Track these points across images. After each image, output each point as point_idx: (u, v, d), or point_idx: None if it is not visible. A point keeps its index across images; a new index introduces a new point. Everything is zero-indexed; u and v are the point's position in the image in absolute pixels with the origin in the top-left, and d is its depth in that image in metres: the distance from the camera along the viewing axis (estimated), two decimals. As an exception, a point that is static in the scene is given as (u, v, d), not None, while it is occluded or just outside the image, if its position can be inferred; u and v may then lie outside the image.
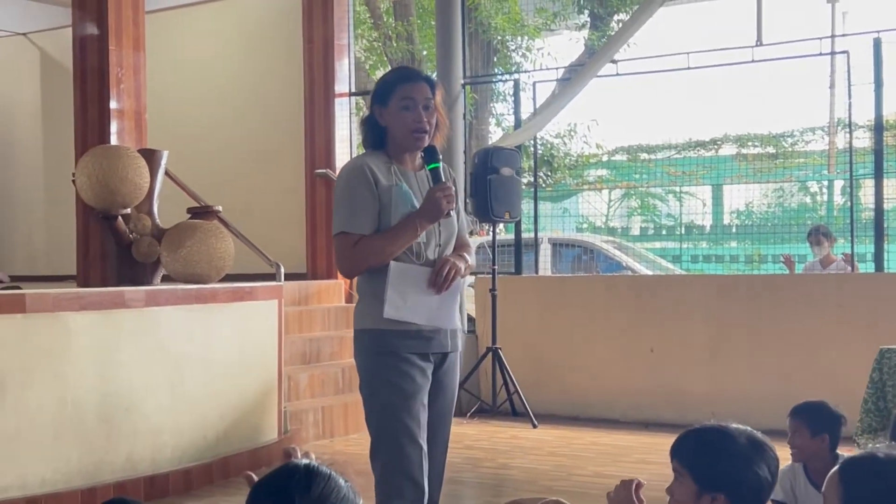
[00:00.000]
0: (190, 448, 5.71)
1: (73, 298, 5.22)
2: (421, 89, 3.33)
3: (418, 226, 3.27)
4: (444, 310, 3.34)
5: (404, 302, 3.25)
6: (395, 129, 3.34)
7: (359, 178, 3.28)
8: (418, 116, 3.31)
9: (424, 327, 3.29)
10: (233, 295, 6.12)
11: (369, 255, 3.26)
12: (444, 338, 3.37)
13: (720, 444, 2.26)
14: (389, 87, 3.36)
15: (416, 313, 3.27)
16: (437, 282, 3.30)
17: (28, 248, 11.19)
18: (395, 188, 3.29)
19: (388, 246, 3.25)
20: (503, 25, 14.56)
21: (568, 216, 12.27)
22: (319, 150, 9.27)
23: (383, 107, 3.35)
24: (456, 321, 3.43)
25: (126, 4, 7.55)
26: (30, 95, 11.14)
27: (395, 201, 3.28)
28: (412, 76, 3.41)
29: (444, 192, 3.28)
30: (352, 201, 3.27)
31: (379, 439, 3.29)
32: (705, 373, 7.58)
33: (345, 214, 3.28)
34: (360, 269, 3.31)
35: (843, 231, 8.69)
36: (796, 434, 3.75)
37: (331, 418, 7.13)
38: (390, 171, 3.33)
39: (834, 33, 9.99)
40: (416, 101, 3.32)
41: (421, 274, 3.30)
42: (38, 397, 4.95)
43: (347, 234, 3.26)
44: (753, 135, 15.71)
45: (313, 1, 9.30)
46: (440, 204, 3.26)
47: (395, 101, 3.32)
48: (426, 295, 3.29)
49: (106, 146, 6.81)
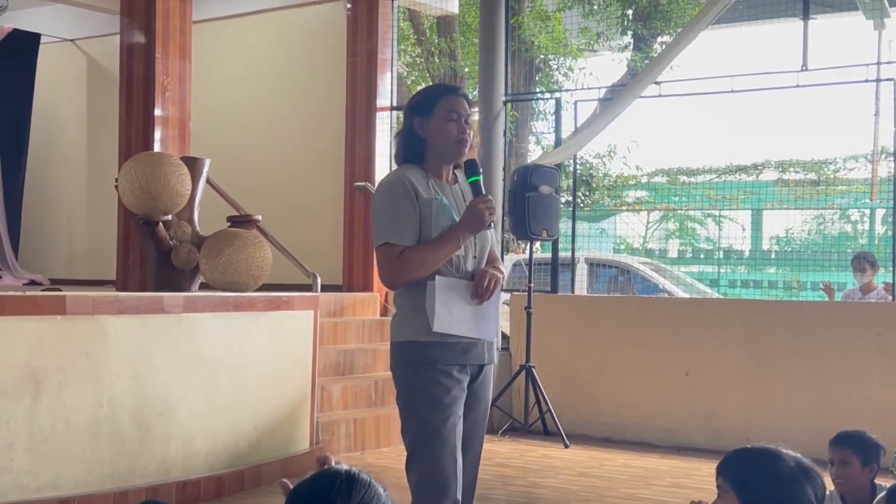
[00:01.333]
0: (222, 455, 5.73)
1: (113, 302, 5.26)
2: (463, 103, 3.40)
3: (460, 237, 3.30)
4: (487, 321, 3.38)
5: (450, 315, 3.28)
6: (439, 140, 3.37)
7: (400, 190, 3.30)
8: (462, 128, 3.37)
9: (463, 339, 3.31)
10: (269, 304, 6.15)
11: (414, 265, 3.26)
12: (482, 349, 3.39)
13: (768, 465, 2.24)
14: (433, 99, 3.40)
15: (463, 325, 3.30)
16: (479, 292, 3.33)
17: (69, 252, 11.31)
18: (435, 201, 3.31)
19: (432, 257, 3.27)
20: (546, 45, 14.56)
21: (605, 236, 12.24)
22: (359, 163, 9.30)
23: (426, 118, 3.38)
24: (496, 332, 3.46)
25: (174, 13, 7.63)
26: (76, 101, 11.28)
27: (436, 214, 3.30)
28: (454, 90, 3.48)
29: (486, 204, 3.30)
30: (394, 213, 3.28)
31: (415, 451, 3.29)
32: (740, 399, 7.51)
33: (388, 225, 3.29)
34: (404, 280, 3.31)
35: (885, 261, 8.60)
36: (845, 464, 3.71)
37: (363, 430, 7.13)
38: (428, 184, 3.35)
39: (880, 60, 9.90)
40: (460, 114, 3.37)
41: (464, 287, 3.33)
42: (74, 399, 5.00)
43: (391, 244, 3.27)
44: (795, 161, 15.61)
45: (358, 15, 9.36)
46: (483, 215, 3.29)
47: (440, 112, 3.36)
48: (470, 307, 3.33)
49: (149, 153, 6.88)
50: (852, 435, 3.77)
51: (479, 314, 3.34)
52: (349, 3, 9.44)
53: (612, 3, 14.73)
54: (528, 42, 14.41)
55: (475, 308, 3.33)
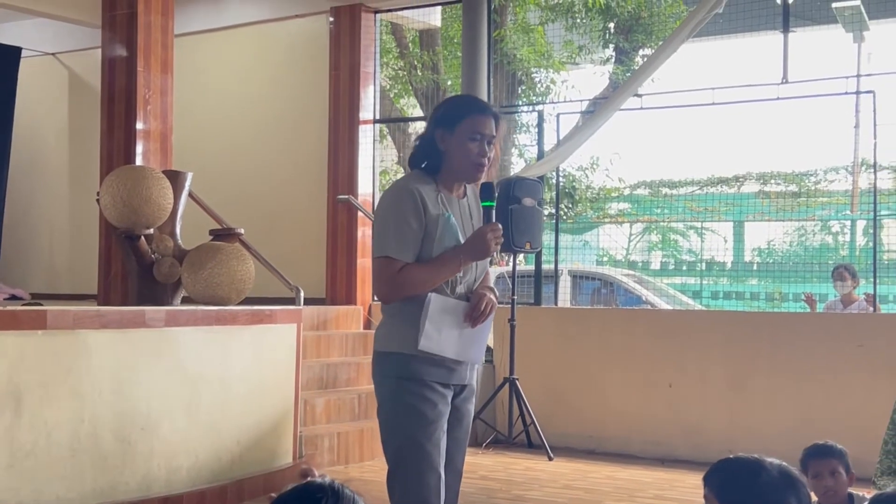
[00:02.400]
0: (205, 470, 5.70)
1: (94, 316, 5.24)
2: (489, 123, 3.30)
3: (461, 262, 3.25)
4: (475, 345, 3.34)
5: (439, 335, 3.23)
6: (456, 158, 3.29)
7: (408, 202, 3.23)
8: (483, 151, 3.29)
9: (450, 358, 3.28)
10: (252, 317, 6.13)
11: (411, 285, 3.22)
12: (465, 370, 3.36)
13: (752, 474, 2.26)
14: (459, 114, 3.31)
15: (449, 347, 3.26)
16: (473, 315, 3.29)
17: (50, 266, 11.25)
18: (442, 218, 3.25)
19: (431, 279, 3.23)
20: (528, 57, 14.60)
21: (588, 249, 12.27)
22: (342, 176, 9.31)
23: (448, 132, 3.29)
24: (482, 356, 3.44)
25: (155, 27, 7.62)
26: (57, 115, 11.24)
27: (441, 232, 3.24)
28: (484, 109, 3.36)
29: (495, 233, 3.26)
30: (399, 226, 3.22)
31: (397, 465, 3.27)
32: (724, 410, 7.53)
33: (390, 238, 3.22)
34: (399, 297, 3.26)
35: (866, 272, 8.65)
36: (835, 474, 3.74)
37: (346, 444, 7.11)
38: (437, 199, 3.29)
39: (860, 73, 9.97)
40: (484, 135, 3.29)
41: (458, 308, 3.29)
42: (55, 414, 4.96)
43: (392, 259, 3.21)
44: (776, 172, 15.68)
45: (340, 28, 9.37)
46: (489, 245, 3.25)
47: (463, 129, 3.28)
48: (460, 329, 3.28)
49: (131, 166, 6.86)
50: (831, 446, 3.81)
51: (467, 337, 3.30)
52: (331, 17, 9.45)
53: (593, 17, 14.79)
54: (510, 55, 14.45)
55: (465, 331, 3.29)
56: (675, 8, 14.71)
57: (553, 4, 14.92)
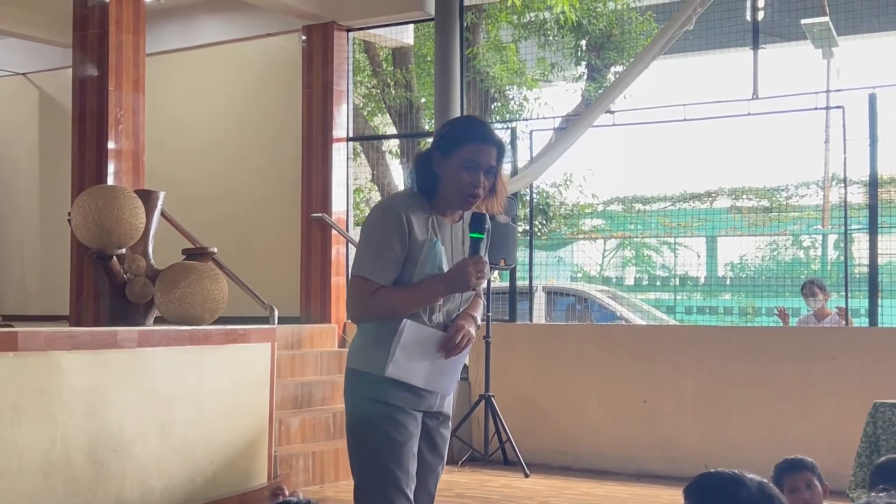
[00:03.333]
0: (178, 490, 5.65)
1: (66, 338, 5.19)
2: (489, 153, 3.19)
3: (439, 292, 3.15)
4: (445, 376, 3.25)
5: (409, 363, 3.15)
6: (449, 185, 3.19)
7: (395, 224, 3.13)
8: (476, 181, 3.17)
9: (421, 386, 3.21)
10: (226, 337, 6.09)
11: (384, 309, 3.14)
12: (435, 398, 3.28)
13: (730, 489, 2.27)
14: (458, 141, 3.19)
15: (418, 376, 3.17)
16: (447, 347, 3.19)
17: (21, 287, 11.16)
18: (428, 243, 3.16)
19: (405, 306, 3.14)
20: (501, 75, 14.66)
21: (563, 265, 12.29)
22: (316, 195, 9.29)
23: (444, 157, 3.18)
24: (453, 387, 3.35)
25: (127, 46, 7.59)
26: (28, 135, 11.17)
27: (424, 259, 3.15)
28: (485, 138, 3.21)
29: (477, 267, 3.17)
30: (380, 247, 3.13)
31: (363, 487, 3.21)
32: (698, 425, 7.55)
33: (370, 259, 3.14)
34: (370, 319, 3.19)
35: (837, 286, 8.71)
36: (811, 487, 3.76)
37: (321, 464, 7.07)
38: (428, 222, 3.20)
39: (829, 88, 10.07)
40: (480, 164, 3.17)
41: (433, 337, 3.19)
42: (26, 437, 4.90)
43: (368, 280, 3.13)
44: (748, 188, 15.79)
45: (313, 47, 9.38)
46: (469, 279, 3.15)
47: (459, 157, 3.16)
48: (432, 359, 3.19)
49: (102, 186, 6.82)
50: (802, 460, 3.83)
51: (438, 368, 3.21)
52: (304, 35, 9.46)
53: (565, 34, 14.87)
54: (483, 73, 14.51)
55: (437, 362, 3.20)
56: (646, 25, 14.83)
57: (525, 22, 15.00)
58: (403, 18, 9.70)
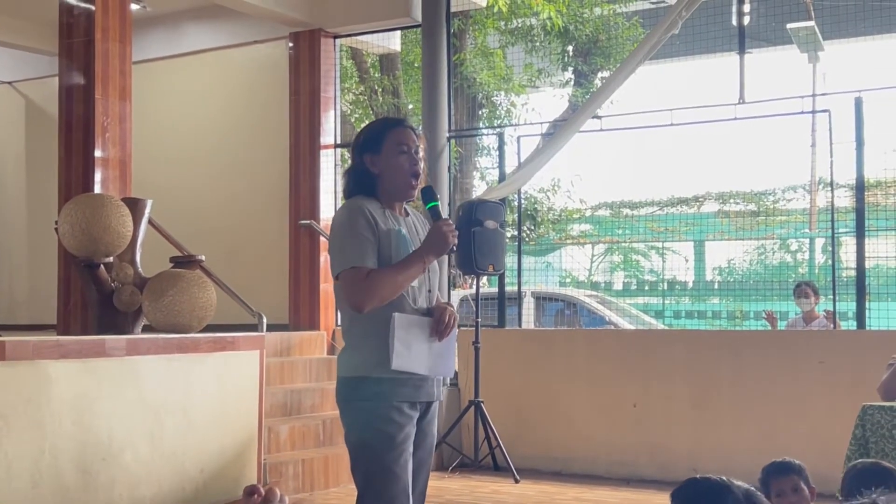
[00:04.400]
0: (168, 499, 5.63)
1: (54, 346, 5.17)
2: (410, 135, 3.39)
3: (425, 259, 3.29)
4: (444, 358, 3.38)
5: (409, 352, 3.26)
6: (391, 174, 3.35)
7: (360, 217, 3.27)
8: (414, 160, 3.36)
9: (415, 375, 3.29)
10: (214, 345, 6.08)
11: (382, 286, 3.22)
12: (431, 386, 3.38)
13: (716, 495, 2.27)
14: (381, 133, 3.39)
15: (421, 364, 3.29)
16: (439, 329, 3.33)
17: (9, 296, 11.11)
18: (393, 232, 3.31)
19: (400, 276, 3.24)
20: (488, 81, 14.69)
21: (551, 270, 12.30)
22: (304, 201, 9.29)
23: (376, 154, 3.36)
24: (452, 369, 3.48)
25: (113, 54, 7.58)
26: (14, 144, 11.14)
27: (395, 245, 3.29)
28: (401, 122, 3.46)
29: (449, 227, 3.30)
30: (356, 239, 3.25)
31: (367, 488, 3.27)
32: (688, 429, 7.56)
33: (351, 251, 3.24)
34: (373, 301, 3.23)
35: (825, 289, 8.73)
36: (797, 490, 3.76)
37: (311, 471, 7.06)
38: (385, 214, 3.34)
39: (815, 92, 10.11)
40: (410, 146, 3.37)
41: (423, 323, 3.32)
42: (15, 447, 4.88)
43: (357, 267, 3.23)
44: (735, 192, 15.84)
45: (300, 54, 9.38)
46: (447, 237, 3.28)
47: (390, 146, 3.35)
48: (428, 344, 3.32)
49: (89, 194, 6.80)
50: (789, 463, 3.83)
51: (436, 352, 3.33)
52: (291, 42, 9.45)
53: (552, 40, 14.91)
54: (470, 79, 14.54)
55: (434, 346, 3.32)
56: (633, 31, 14.88)
57: (512, 28, 15.04)
58: (390, 25, 9.70)
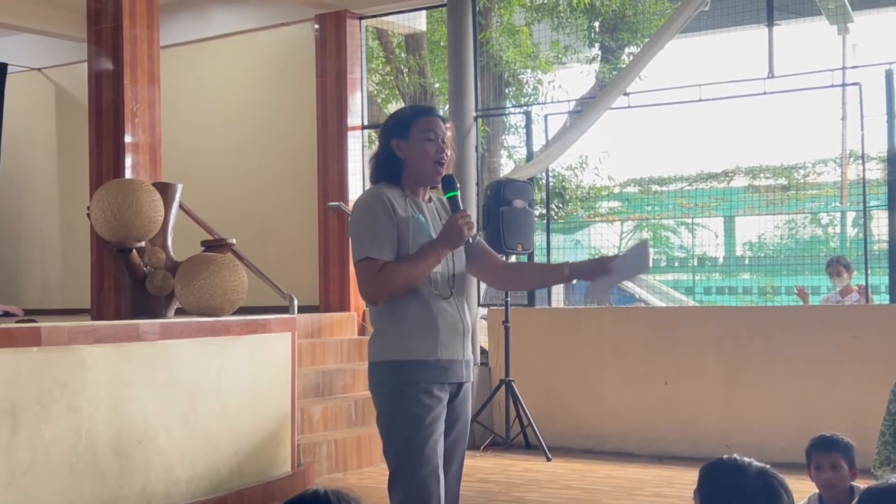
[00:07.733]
0: (204, 481, 5.69)
1: (89, 332, 5.23)
2: (439, 123, 3.43)
3: (440, 252, 3.31)
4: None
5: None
6: (418, 160, 3.39)
7: (379, 206, 3.31)
8: (440, 148, 3.40)
9: (442, 358, 3.32)
10: (246, 328, 6.13)
11: (396, 280, 3.27)
12: (460, 368, 3.40)
13: (729, 479, 2.28)
14: (409, 120, 3.43)
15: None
16: (465, 219, 3.30)
17: (43, 281, 11.23)
18: (412, 220, 3.33)
19: (413, 270, 3.28)
20: (514, 59, 14.62)
21: (580, 248, 12.29)
22: (332, 183, 9.31)
23: (403, 139, 3.40)
24: (470, 352, 3.48)
25: (141, 39, 7.61)
26: (45, 130, 11.23)
27: (414, 233, 3.32)
28: (430, 111, 3.52)
29: (465, 220, 3.31)
30: (374, 228, 3.29)
31: (398, 470, 3.30)
32: (720, 405, 7.55)
33: (368, 241, 3.29)
34: (386, 295, 3.30)
35: (857, 263, 8.68)
36: (836, 468, 3.76)
37: (344, 451, 7.11)
38: (406, 202, 3.37)
39: (845, 65, 9.99)
40: (438, 134, 3.40)
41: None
42: (52, 431, 4.95)
43: (372, 259, 3.27)
44: (765, 166, 15.73)
45: (326, 35, 9.38)
46: (461, 230, 3.30)
47: (417, 132, 3.39)
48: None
49: (120, 180, 6.85)
50: (836, 439, 3.82)
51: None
52: (317, 24, 9.45)
53: (578, 16, 14.82)
54: (496, 57, 14.47)
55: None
56: (660, 6, 14.75)
57: (538, 5, 14.95)
58: (416, 5, 9.68)
